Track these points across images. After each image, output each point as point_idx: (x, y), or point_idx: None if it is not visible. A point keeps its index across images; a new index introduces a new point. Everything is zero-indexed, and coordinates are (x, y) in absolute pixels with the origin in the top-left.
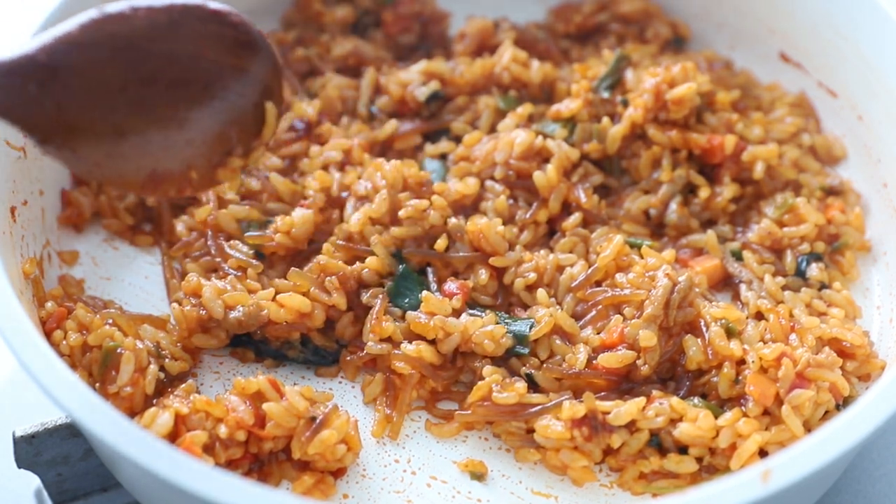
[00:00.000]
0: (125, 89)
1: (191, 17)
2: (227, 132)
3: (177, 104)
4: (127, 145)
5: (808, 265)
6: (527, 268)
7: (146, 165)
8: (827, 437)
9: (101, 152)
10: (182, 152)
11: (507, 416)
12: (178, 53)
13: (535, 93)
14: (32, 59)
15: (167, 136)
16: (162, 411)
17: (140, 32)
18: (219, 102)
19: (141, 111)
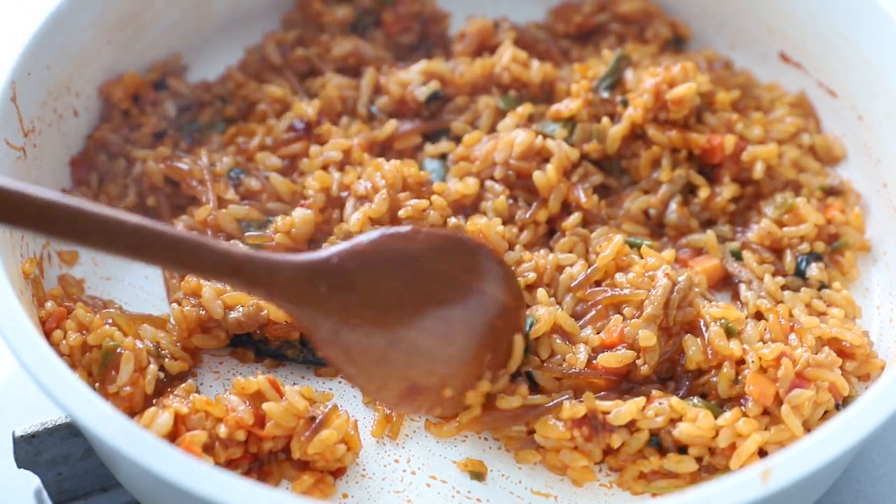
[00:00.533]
0: (402, 300)
1: (462, 247)
2: (482, 356)
3: (445, 320)
4: (396, 353)
5: (807, 265)
6: (527, 267)
7: (409, 377)
8: (826, 437)
9: (371, 357)
10: (442, 368)
11: (509, 422)
12: (450, 276)
13: (535, 93)
14: (326, 261)
15: (433, 349)
16: (162, 411)
17: (419, 252)
18: (479, 326)
19: (413, 322)
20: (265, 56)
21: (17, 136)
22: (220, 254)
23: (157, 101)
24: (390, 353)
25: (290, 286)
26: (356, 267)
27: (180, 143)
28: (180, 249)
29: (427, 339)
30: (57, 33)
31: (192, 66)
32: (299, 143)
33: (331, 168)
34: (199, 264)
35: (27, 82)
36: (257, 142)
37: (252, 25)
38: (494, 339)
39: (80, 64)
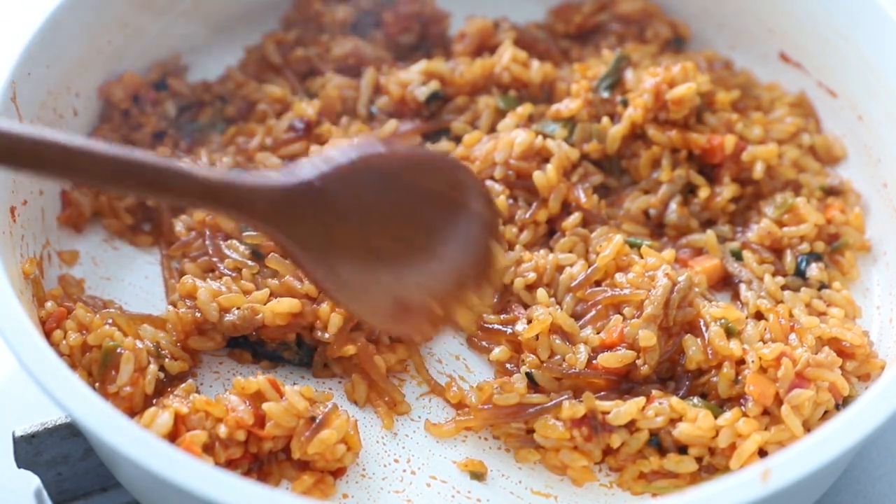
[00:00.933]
0: (387, 218)
1: (441, 163)
2: (465, 268)
3: (427, 235)
4: (383, 271)
5: (807, 265)
6: (526, 267)
7: (398, 295)
8: (826, 437)
9: (357, 275)
10: (428, 283)
11: (508, 419)
12: (431, 191)
13: (535, 93)
14: (309, 185)
15: (417, 265)
16: (162, 411)
17: (399, 169)
18: (461, 238)
19: (397, 239)
20: (265, 56)
21: None
22: (200, 179)
23: (157, 101)
24: (379, 272)
25: (272, 210)
26: (339, 188)
27: (180, 143)
28: (159, 175)
29: (413, 254)
30: (57, 33)
31: (192, 66)
32: (299, 143)
33: None
34: (178, 190)
35: (27, 82)
36: (257, 142)
37: (252, 25)
38: (476, 252)
39: (80, 64)
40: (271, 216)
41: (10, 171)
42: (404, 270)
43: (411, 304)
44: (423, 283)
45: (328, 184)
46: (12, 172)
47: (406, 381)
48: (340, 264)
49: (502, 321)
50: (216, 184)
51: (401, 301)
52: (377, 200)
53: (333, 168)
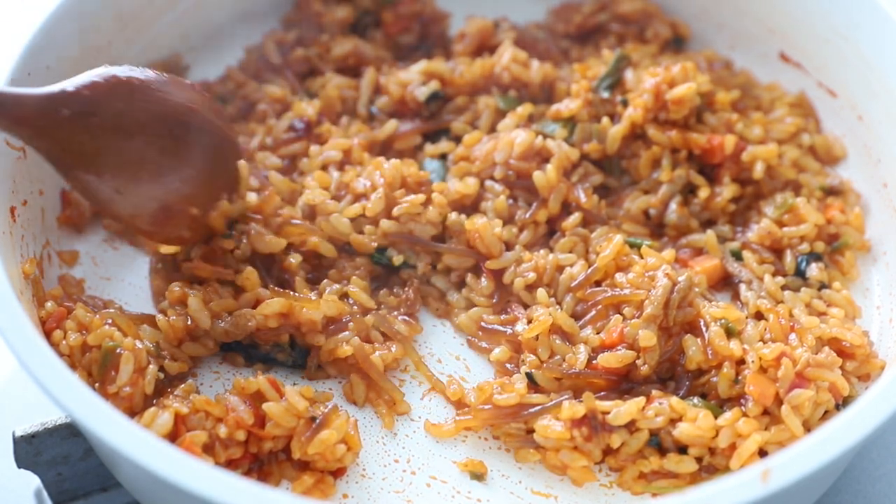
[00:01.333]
0: (143, 125)
1: (176, 83)
2: (216, 179)
3: (179, 144)
4: (144, 173)
5: (807, 265)
6: (526, 267)
7: (157, 197)
8: (826, 437)
9: (121, 181)
10: (183, 188)
11: (508, 419)
12: (175, 107)
13: (535, 93)
14: (74, 92)
15: (173, 172)
16: (161, 411)
17: (149, 85)
18: (210, 149)
19: (155, 143)
20: (265, 56)
21: None
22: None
23: None
24: (139, 174)
25: (37, 116)
26: (99, 95)
27: None
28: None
29: (169, 159)
30: (57, 33)
31: (192, 66)
32: (299, 142)
33: (330, 168)
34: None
35: (27, 82)
36: (257, 141)
37: (252, 25)
38: (224, 164)
39: (80, 64)
40: (36, 122)
41: None
42: (162, 173)
43: (171, 209)
44: (180, 187)
45: (89, 90)
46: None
47: (406, 381)
48: (103, 167)
49: (502, 321)
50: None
51: (162, 205)
52: (135, 109)
53: (93, 79)
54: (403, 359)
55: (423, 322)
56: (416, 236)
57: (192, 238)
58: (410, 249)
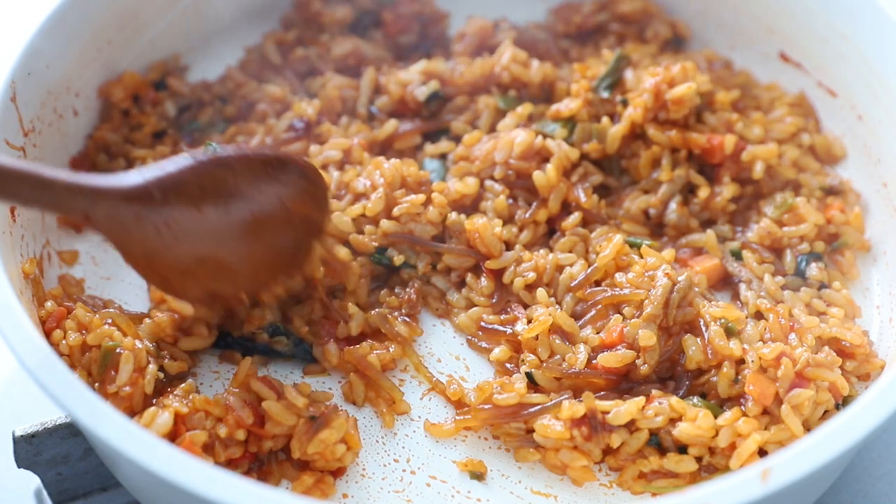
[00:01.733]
0: (215, 226)
1: (280, 168)
2: (278, 264)
3: (251, 240)
4: (203, 270)
5: (807, 265)
6: (526, 267)
7: (209, 287)
8: (826, 437)
9: (178, 272)
10: (240, 279)
11: (507, 419)
12: (261, 201)
13: (534, 92)
14: (147, 192)
15: (237, 265)
16: (161, 411)
17: (235, 180)
18: (283, 240)
19: (222, 243)
20: (265, 56)
21: (17, 136)
22: (38, 180)
23: (157, 101)
24: (197, 271)
25: (110, 215)
26: (174, 197)
27: (180, 142)
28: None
29: (232, 256)
30: (57, 33)
31: (192, 66)
32: (299, 142)
33: (330, 167)
34: (14, 192)
35: (27, 82)
36: (257, 141)
37: (252, 25)
38: (295, 249)
39: (80, 64)
40: (108, 221)
41: None
42: (221, 269)
43: (221, 294)
44: (236, 279)
45: (166, 193)
46: None
47: (406, 381)
48: (164, 263)
49: (502, 321)
50: (57, 186)
51: (213, 291)
52: (209, 210)
53: (171, 176)
54: (402, 359)
55: (423, 321)
56: (416, 236)
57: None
58: (410, 249)
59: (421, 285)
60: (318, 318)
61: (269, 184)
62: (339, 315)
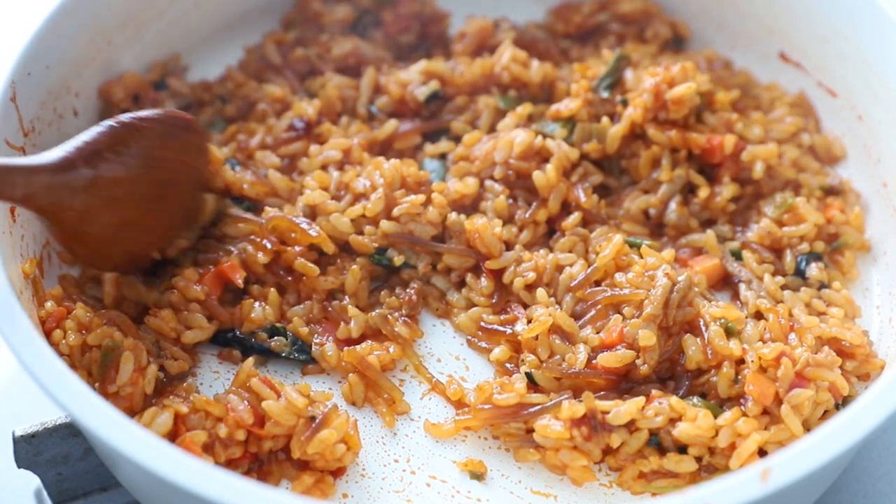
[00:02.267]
0: (134, 189)
1: (175, 126)
2: (182, 218)
3: (163, 198)
4: (124, 234)
5: (807, 265)
6: (526, 267)
7: (129, 250)
8: (826, 437)
9: (103, 240)
10: (154, 237)
11: (507, 418)
12: (169, 158)
13: (534, 92)
14: (74, 165)
15: (148, 224)
16: (161, 411)
17: (146, 142)
18: (185, 195)
19: (141, 205)
20: (265, 56)
21: (17, 136)
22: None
23: (157, 101)
24: (118, 236)
25: (46, 190)
26: (96, 164)
27: None
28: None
29: (149, 216)
30: (57, 33)
31: (192, 66)
32: (299, 142)
33: (330, 167)
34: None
35: (27, 82)
36: (257, 141)
37: (252, 25)
38: (192, 201)
39: (80, 64)
40: (42, 197)
41: None
42: (140, 231)
43: (135, 255)
44: (151, 239)
45: (92, 163)
46: None
47: (406, 381)
48: (91, 231)
49: (502, 321)
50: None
51: (129, 253)
52: (129, 174)
53: (92, 146)
54: (402, 359)
55: (423, 321)
56: (416, 236)
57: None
58: (410, 249)
59: (421, 285)
60: (318, 318)
61: (171, 142)
62: (340, 316)
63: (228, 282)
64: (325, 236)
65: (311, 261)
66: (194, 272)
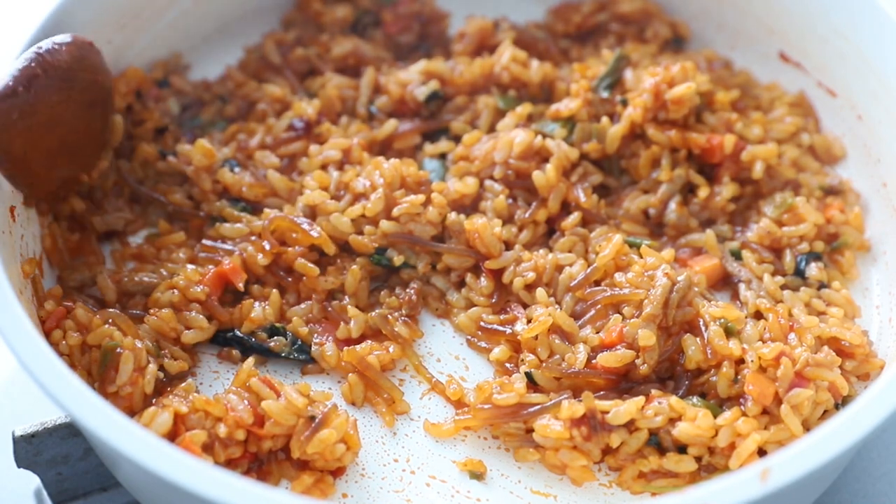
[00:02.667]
0: (64, 111)
1: (84, 49)
2: (104, 137)
3: (86, 117)
4: (60, 157)
5: (807, 264)
6: (526, 267)
7: (65, 174)
8: (826, 436)
9: (37, 164)
10: (86, 157)
11: (507, 418)
12: (88, 79)
13: (534, 92)
14: (15, 92)
15: (80, 144)
16: (161, 410)
17: (68, 64)
18: (99, 113)
19: (70, 125)
20: (265, 56)
21: None
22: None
23: (160, 98)
24: (56, 160)
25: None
26: (35, 90)
27: (181, 139)
28: None
29: (81, 136)
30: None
31: (192, 66)
32: (299, 142)
33: (330, 167)
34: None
35: None
36: (257, 141)
37: (252, 25)
38: (105, 121)
39: None
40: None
41: None
42: (69, 151)
43: (65, 177)
44: (77, 158)
45: (32, 89)
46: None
47: (406, 381)
48: (30, 156)
49: (502, 321)
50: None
51: (57, 175)
52: (61, 97)
53: (30, 72)
54: (402, 359)
55: (423, 321)
56: (415, 236)
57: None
58: (410, 250)
59: (421, 285)
60: (318, 318)
61: (86, 63)
62: (339, 316)
63: (229, 283)
64: (327, 237)
65: (312, 261)
66: (195, 272)
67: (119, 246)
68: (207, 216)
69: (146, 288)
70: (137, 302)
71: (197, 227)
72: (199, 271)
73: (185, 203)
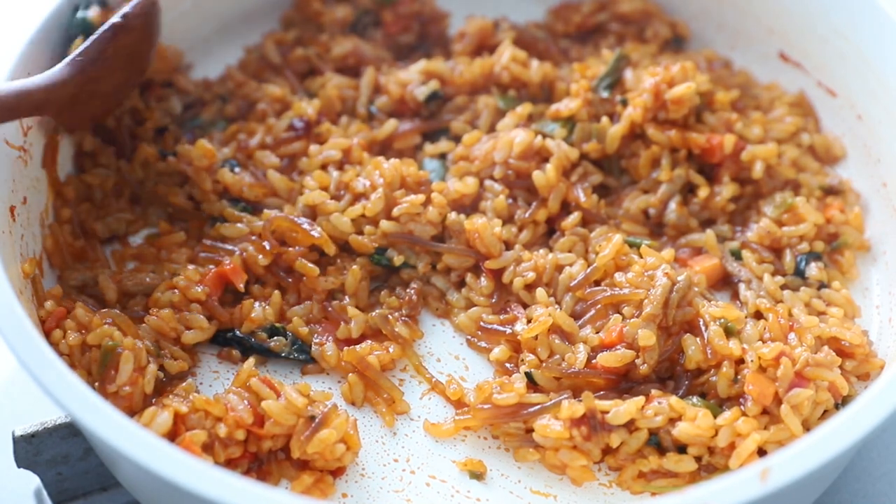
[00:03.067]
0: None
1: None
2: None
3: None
4: (96, 103)
5: (807, 264)
6: (526, 267)
7: (96, 113)
8: (826, 436)
9: (87, 113)
10: (119, 99)
11: (507, 418)
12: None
13: (534, 92)
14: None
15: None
16: (161, 410)
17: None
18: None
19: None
20: (265, 56)
21: (17, 136)
22: (20, 93)
23: (162, 97)
24: (92, 104)
25: (62, 102)
26: (91, 67)
27: (181, 139)
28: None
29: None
30: (57, 33)
31: (192, 66)
32: (299, 142)
33: (330, 167)
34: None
35: None
36: (257, 140)
37: (252, 25)
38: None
39: None
40: (59, 106)
41: None
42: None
43: (102, 114)
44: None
45: (93, 68)
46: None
47: (406, 381)
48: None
49: (501, 321)
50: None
51: (96, 115)
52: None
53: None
54: (402, 359)
55: (423, 321)
56: (415, 236)
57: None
58: (410, 249)
59: (421, 285)
60: (318, 318)
61: (149, 30)
62: (339, 316)
63: (229, 283)
64: (327, 237)
65: (312, 261)
66: (195, 272)
67: (119, 246)
68: (208, 216)
69: (146, 288)
70: (138, 302)
71: (197, 227)
72: (200, 271)
73: (185, 203)
